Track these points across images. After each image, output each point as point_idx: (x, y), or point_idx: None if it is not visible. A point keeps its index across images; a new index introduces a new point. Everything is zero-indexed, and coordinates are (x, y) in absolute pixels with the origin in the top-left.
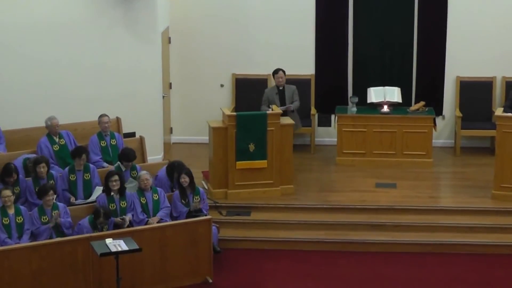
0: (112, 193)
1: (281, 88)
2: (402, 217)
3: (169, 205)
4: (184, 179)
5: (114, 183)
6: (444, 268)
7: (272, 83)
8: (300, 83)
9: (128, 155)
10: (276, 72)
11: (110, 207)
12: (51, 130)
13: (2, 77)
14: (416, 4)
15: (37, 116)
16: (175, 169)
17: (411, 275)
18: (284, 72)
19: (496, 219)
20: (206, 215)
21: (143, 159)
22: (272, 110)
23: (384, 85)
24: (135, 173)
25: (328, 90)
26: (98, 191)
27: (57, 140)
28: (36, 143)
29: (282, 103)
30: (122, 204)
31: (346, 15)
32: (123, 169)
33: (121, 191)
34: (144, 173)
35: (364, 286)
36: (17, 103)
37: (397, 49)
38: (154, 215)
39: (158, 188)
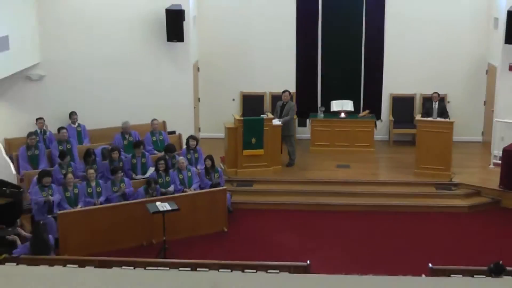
0: (160, 171)
1: (284, 103)
2: (354, 187)
3: (199, 179)
4: (207, 162)
5: (160, 165)
6: (381, 221)
7: (267, 97)
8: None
9: (170, 148)
10: (283, 91)
11: (158, 180)
12: (125, 130)
13: (88, 94)
14: (363, 37)
15: (111, 120)
16: (189, 138)
17: (360, 227)
18: (289, 92)
19: (416, 188)
20: (223, 186)
21: (181, 149)
22: (267, 116)
23: (342, 99)
24: (175, 160)
25: (304, 102)
26: (150, 170)
27: (127, 137)
28: (109, 139)
29: (281, 113)
30: (167, 179)
31: (316, 48)
32: (167, 157)
33: (166, 170)
34: (181, 158)
35: (331, 235)
36: (98, 111)
37: (351, 73)
38: (189, 186)
39: (191, 168)
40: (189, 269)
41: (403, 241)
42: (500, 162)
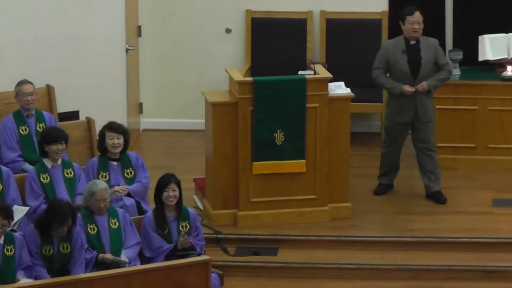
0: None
1: (413, 42)
2: None
3: (139, 239)
4: (174, 193)
5: None
6: None
7: (315, 24)
8: (364, 27)
9: (51, 134)
10: (409, 13)
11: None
12: None
13: None
14: None
15: None
16: (105, 130)
17: None
18: (422, 14)
19: None
20: (200, 255)
21: (93, 156)
22: (316, 73)
23: (507, 31)
24: (70, 172)
25: None
26: (18, 212)
27: None
28: None
29: (415, 69)
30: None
31: None
32: (49, 165)
33: None
34: (101, 188)
35: None
36: None
37: None
38: (115, 254)
39: (119, 210)
40: None
41: None
42: None
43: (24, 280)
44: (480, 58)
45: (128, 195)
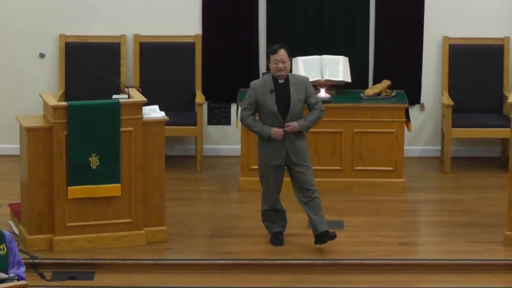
0: None
1: (281, 81)
2: (353, 278)
3: None
4: None
5: None
6: None
7: (129, 48)
8: (178, 50)
9: None
10: (272, 52)
11: None
12: None
13: None
14: None
15: None
16: None
17: None
18: (287, 51)
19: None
20: (16, 280)
21: None
22: (131, 97)
23: (320, 53)
24: None
25: (224, 61)
26: None
27: None
28: None
29: (284, 109)
30: None
31: None
32: None
33: None
34: None
35: None
36: None
37: None
38: None
39: None
40: None
41: None
42: None
43: None
44: None
45: None
